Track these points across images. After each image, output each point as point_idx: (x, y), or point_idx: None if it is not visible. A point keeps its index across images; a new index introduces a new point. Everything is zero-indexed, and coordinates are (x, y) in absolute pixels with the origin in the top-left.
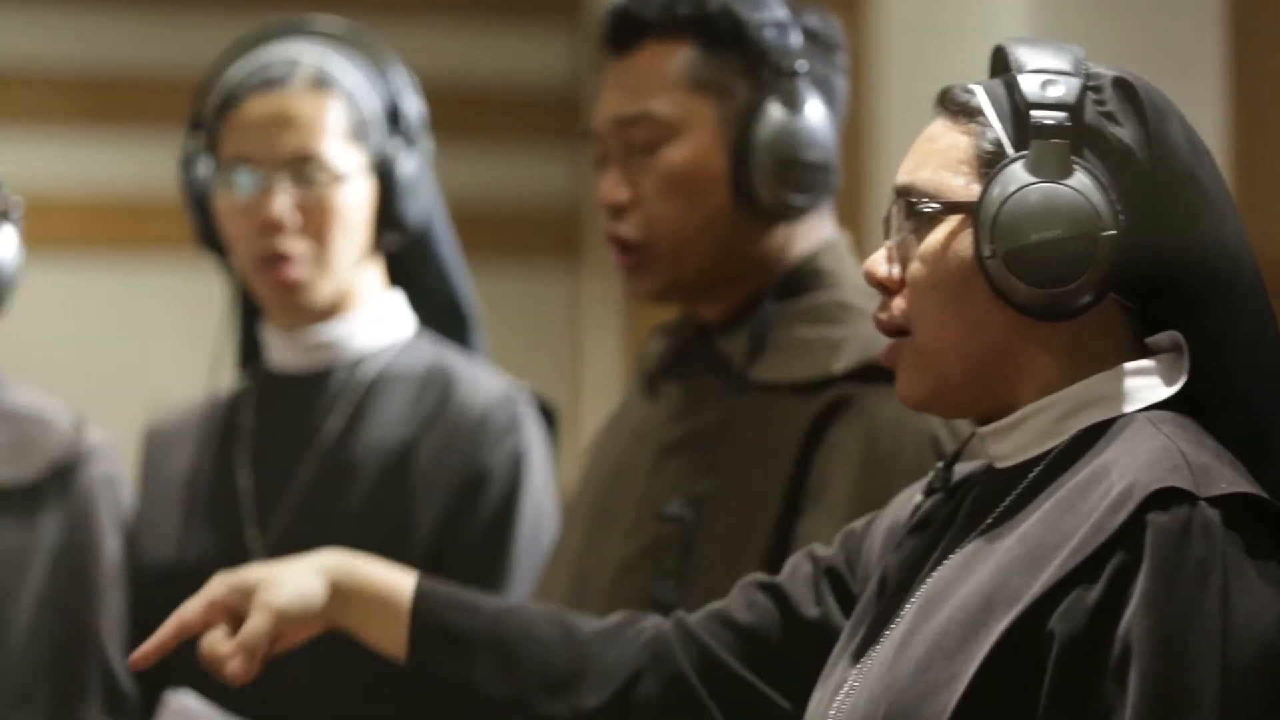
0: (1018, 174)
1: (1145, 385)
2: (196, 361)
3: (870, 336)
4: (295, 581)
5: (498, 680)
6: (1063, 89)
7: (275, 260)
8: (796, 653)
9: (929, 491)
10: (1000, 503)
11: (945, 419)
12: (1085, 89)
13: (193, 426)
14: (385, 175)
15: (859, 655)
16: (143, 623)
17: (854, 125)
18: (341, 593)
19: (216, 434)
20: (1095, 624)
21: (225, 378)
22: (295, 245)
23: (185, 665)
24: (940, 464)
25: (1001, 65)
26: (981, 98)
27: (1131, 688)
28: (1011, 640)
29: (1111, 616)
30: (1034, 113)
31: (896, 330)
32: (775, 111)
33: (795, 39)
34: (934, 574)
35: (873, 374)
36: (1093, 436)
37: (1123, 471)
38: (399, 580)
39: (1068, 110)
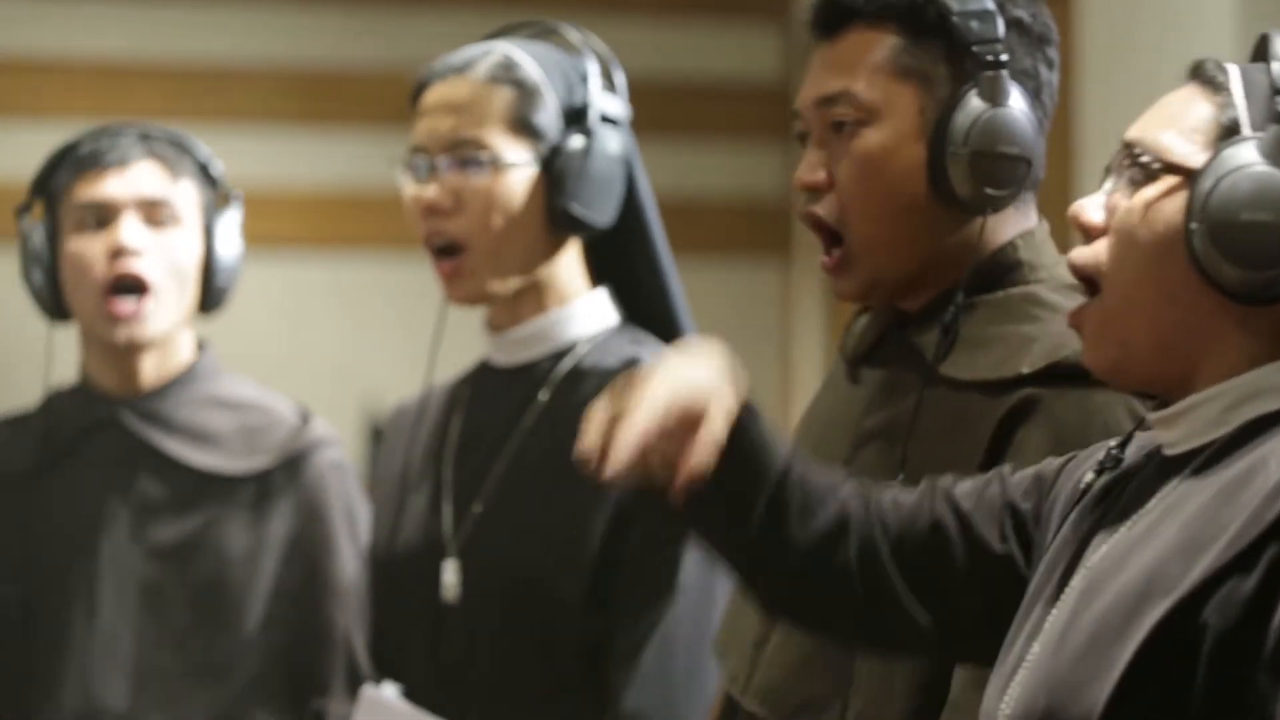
0: (1247, 153)
1: None
2: (412, 356)
3: (1060, 335)
4: (729, 403)
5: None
6: None
7: (438, 246)
8: (964, 579)
9: (1099, 471)
10: (1164, 490)
11: (1127, 392)
12: None
13: (416, 415)
14: (555, 169)
15: (1032, 638)
16: (371, 608)
17: (1060, 117)
18: None
19: (433, 425)
20: (1250, 616)
21: (444, 371)
22: (454, 230)
23: (397, 660)
24: (1112, 443)
25: (1261, 53)
26: (1234, 75)
27: None
28: (1166, 631)
29: (1267, 608)
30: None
31: (1089, 279)
32: (975, 103)
33: (1000, 30)
34: (1095, 558)
35: (1061, 376)
36: (1260, 427)
37: None
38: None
39: None
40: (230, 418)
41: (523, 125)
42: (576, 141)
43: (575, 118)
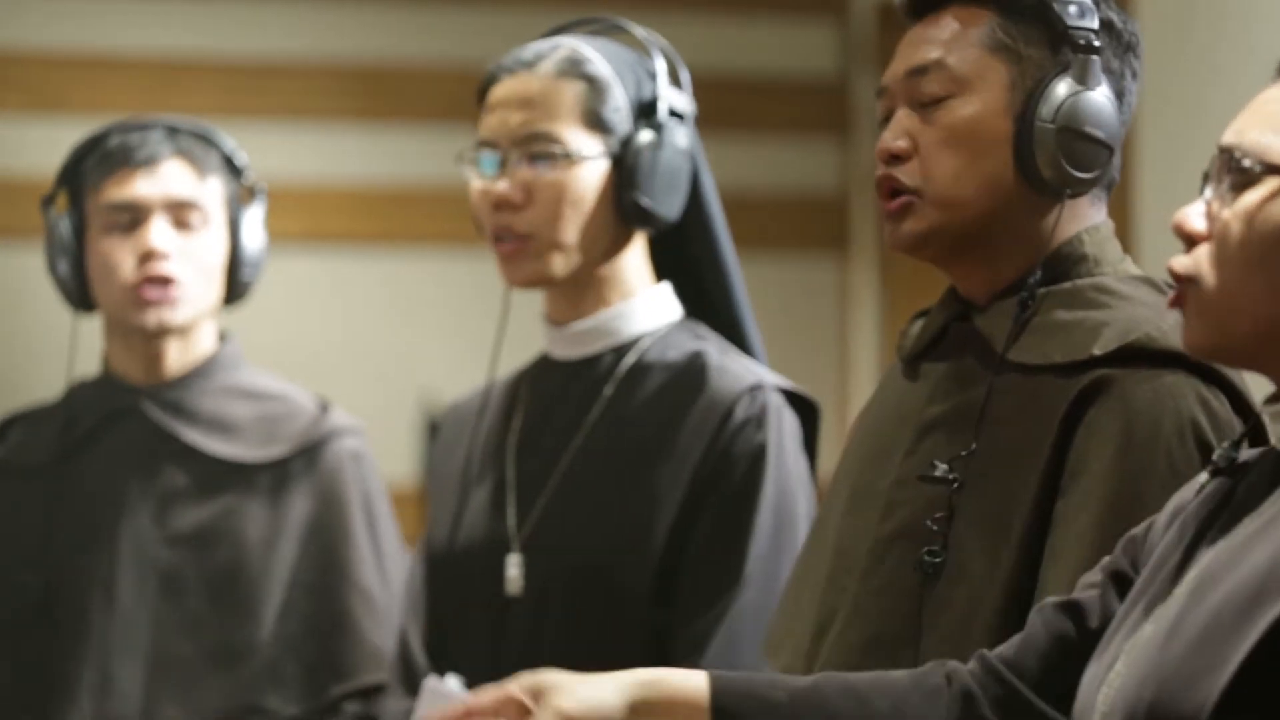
0: None
1: None
2: (465, 351)
3: (1131, 319)
4: (589, 693)
5: None
6: None
7: (504, 238)
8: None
9: (1214, 472)
10: (1278, 487)
11: (1228, 367)
12: None
13: (477, 411)
14: (626, 164)
15: (1132, 632)
16: (428, 602)
17: None
18: (642, 708)
19: (495, 419)
20: None
21: (504, 365)
22: (524, 224)
23: (457, 653)
24: (1227, 444)
25: None
26: None
27: None
28: None
29: None
30: None
31: (1190, 280)
32: (1066, 83)
33: (1096, 21)
34: (1207, 555)
35: (1133, 357)
36: None
37: None
38: (695, 684)
39: None
40: (250, 407)
41: (594, 119)
42: (646, 136)
43: (644, 112)
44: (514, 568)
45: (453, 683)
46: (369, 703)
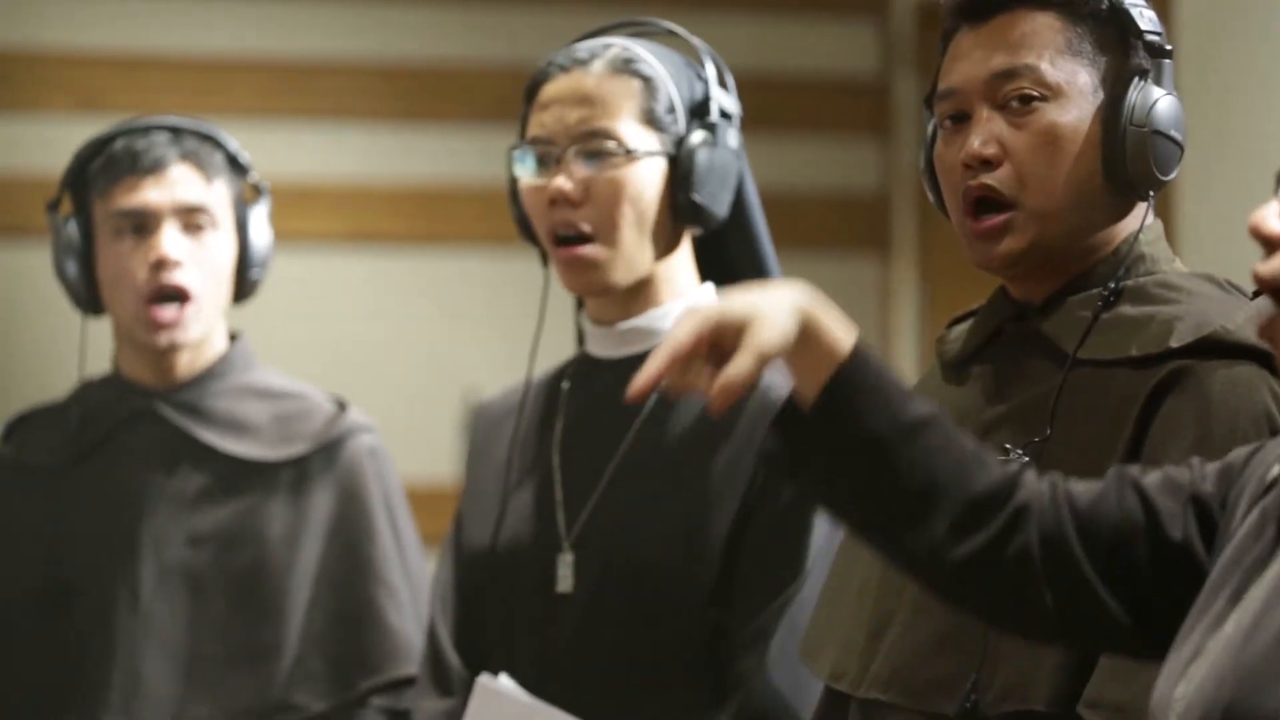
0: None
1: None
2: (507, 350)
3: (1203, 314)
4: (781, 323)
5: (876, 459)
6: None
7: (565, 236)
8: (1148, 568)
9: None
10: None
11: None
12: None
13: (516, 409)
14: (681, 162)
15: (1215, 627)
16: (462, 602)
17: None
18: (802, 336)
19: (536, 418)
20: None
21: (543, 363)
22: (583, 220)
23: (501, 652)
24: None
25: None
26: None
27: None
28: None
29: None
30: None
31: (1276, 289)
32: (1149, 87)
33: (1161, 26)
34: None
35: (1209, 349)
36: None
37: None
38: (841, 342)
39: None
40: (265, 406)
41: (649, 117)
42: (700, 135)
43: (696, 113)
44: (565, 566)
45: (506, 681)
46: (396, 696)
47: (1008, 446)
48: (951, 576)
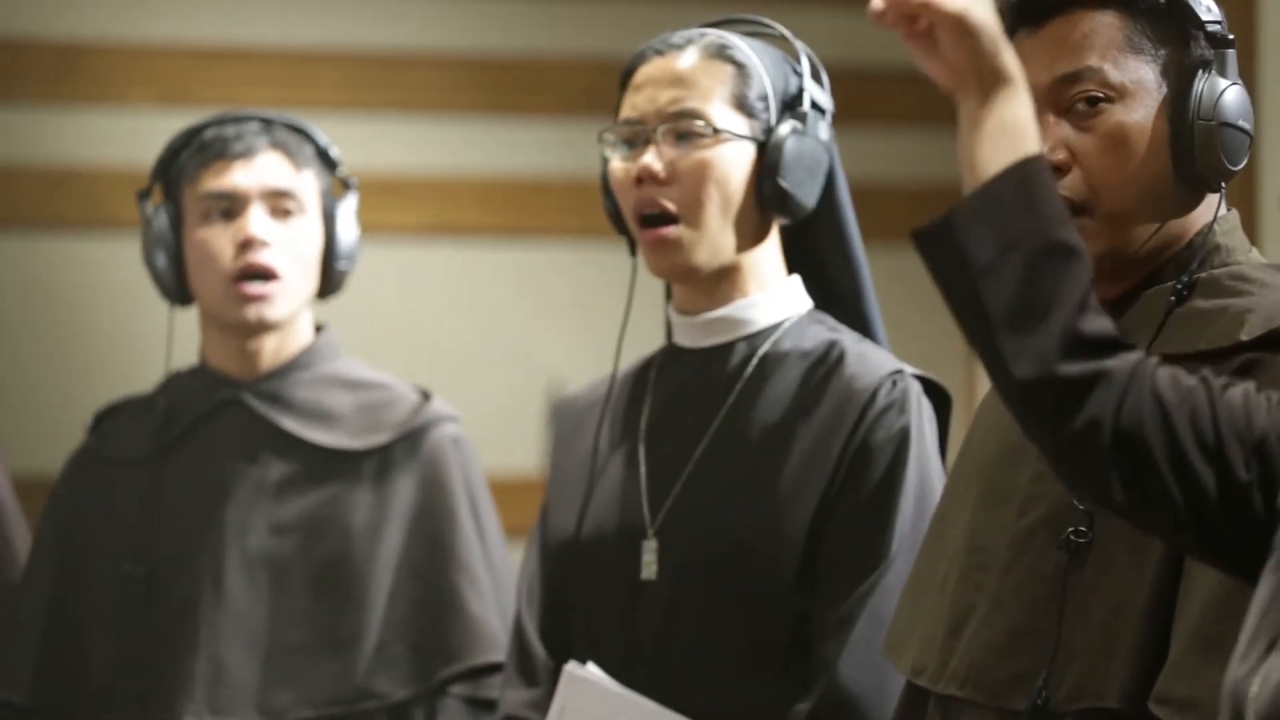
0: None
1: None
2: (593, 342)
3: (1275, 305)
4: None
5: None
6: None
7: (649, 215)
8: (1212, 489)
9: None
10: None
11: None
12: None
13: (601, 401)
14: (769, 150)
15: None
16: (548, 592)
17: None
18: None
19: (623, 408)
20: None
21: (631, 356)
22: (668, 199)
23: (586, 641)
24: None
25: None
26: None
27: None
28: None
29: None
30: None
31: None
32: (1213, 78)
33: (1220, 15)
34: None
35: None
36: None
37: None
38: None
39: None
40: (350, 397)
41: (740, 102)
42: (790, 125)
43: (788, 104)
44: (649, 553)
45: (593, 669)
46: (476, 684)
47: None
48: (1030, 392)
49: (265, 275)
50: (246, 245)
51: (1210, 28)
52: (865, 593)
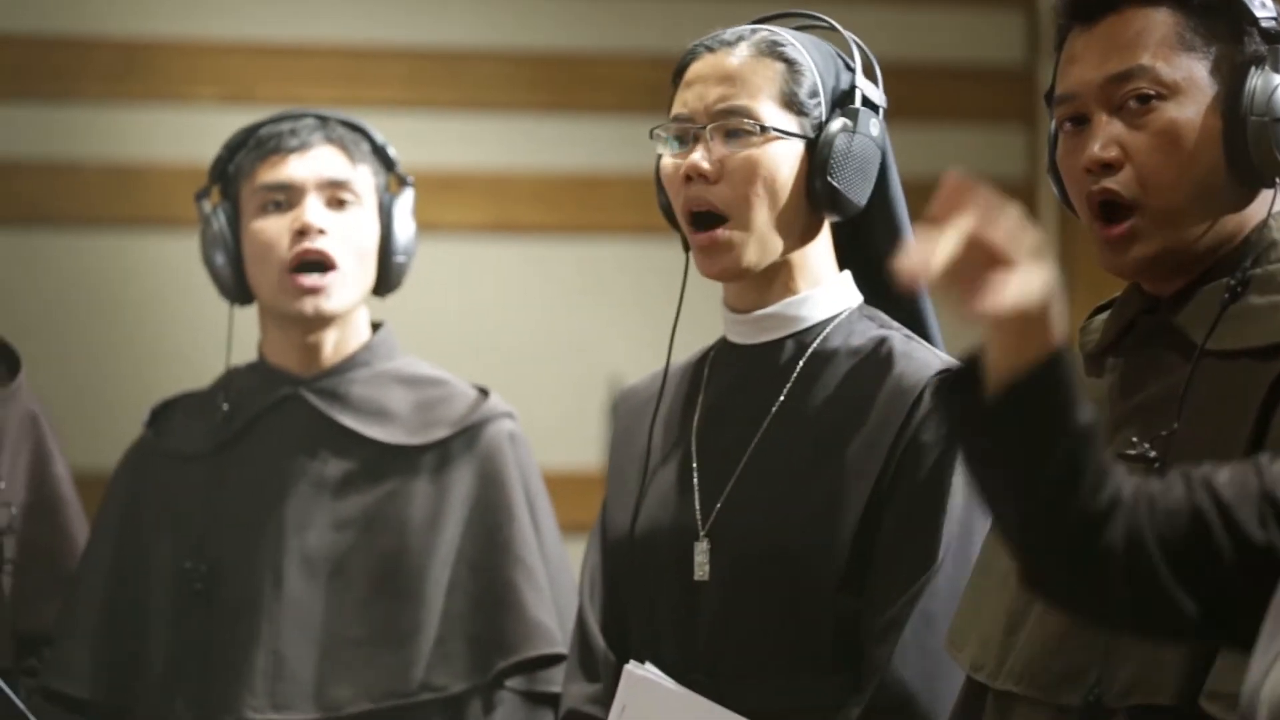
0: None
1: None
2: (653, 337)
3: None
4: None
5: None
6: None
7: (698, 213)
8: (1221, 565)
9: None
10: None
11: None
12: None
13: (657, 395)
14: (819, 147)
15: None
16: (608, 588)
17: None
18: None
19: (677, 403)
20: None
21: (688, 349)
22: (716, 198)
23: (644, 639)
24: None
25: None
26: None
27: None
28: None
29: None
30: None
31: None
32: (1267, 73)
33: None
34: None
35: None
36: None
37: None
38: (1054, 334)
39: None
40: (407, 393)
41: (790, 100)
42: (840, 122)
43: (839, 101)
44: (700, 554)
45: (653, 669)
46: (532, 677)
47: (1134, 439)
48: (1052, 552)
49: (321, 264)
50: (302, 233)
51: (1265, 24)
52: (914, 595)
